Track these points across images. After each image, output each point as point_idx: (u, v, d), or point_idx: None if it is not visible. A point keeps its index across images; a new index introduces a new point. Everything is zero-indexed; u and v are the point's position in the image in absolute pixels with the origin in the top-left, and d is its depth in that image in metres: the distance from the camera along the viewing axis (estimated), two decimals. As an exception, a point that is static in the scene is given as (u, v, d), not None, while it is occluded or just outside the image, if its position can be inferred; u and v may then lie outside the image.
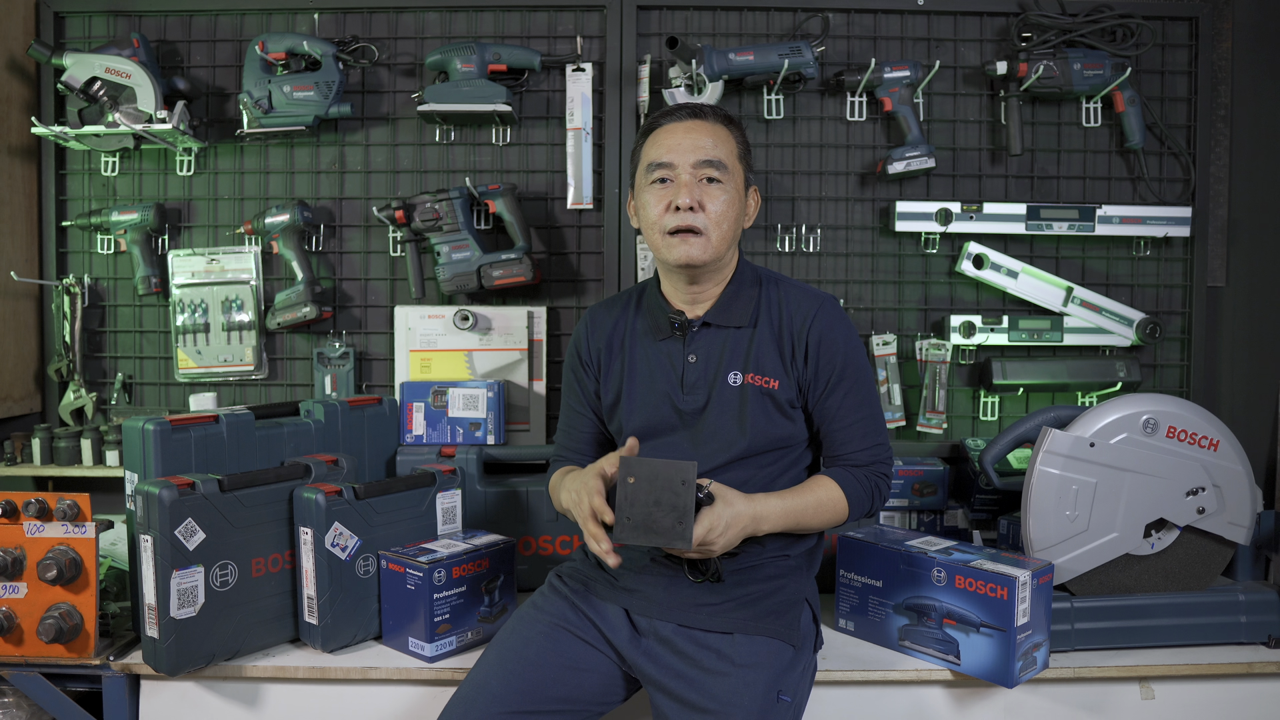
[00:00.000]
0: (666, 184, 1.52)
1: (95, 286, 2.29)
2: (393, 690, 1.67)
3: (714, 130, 1.54)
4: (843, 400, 1.55)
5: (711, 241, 1.51)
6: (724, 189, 1.52)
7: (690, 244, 1.50)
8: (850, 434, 1.56)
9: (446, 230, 2.19)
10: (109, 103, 2.12)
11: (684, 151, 1.51)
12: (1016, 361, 2.22)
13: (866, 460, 1.57)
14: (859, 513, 1.56)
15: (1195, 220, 2.23)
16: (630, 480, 1.34)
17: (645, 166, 1.55)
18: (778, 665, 1.43)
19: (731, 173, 1.53)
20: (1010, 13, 2.23)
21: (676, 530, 1.32)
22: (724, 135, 1.54)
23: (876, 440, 1.58)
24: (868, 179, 2.27)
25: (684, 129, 1.53)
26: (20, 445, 2.18)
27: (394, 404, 2.08)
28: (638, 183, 1.58)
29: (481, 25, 2.27)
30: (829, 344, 1.54)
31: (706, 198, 1.50)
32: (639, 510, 1.33)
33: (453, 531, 1.85)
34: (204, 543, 1.58)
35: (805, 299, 1.57)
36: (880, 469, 1.58)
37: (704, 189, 1.51)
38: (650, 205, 1.53)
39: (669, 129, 1.54)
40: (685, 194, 1.49)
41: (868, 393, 1.58)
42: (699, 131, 1.52)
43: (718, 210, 1.51)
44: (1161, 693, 1.70)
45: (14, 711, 1.73)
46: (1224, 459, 1.72)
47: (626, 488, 1.34)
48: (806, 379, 1.55)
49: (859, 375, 1.57)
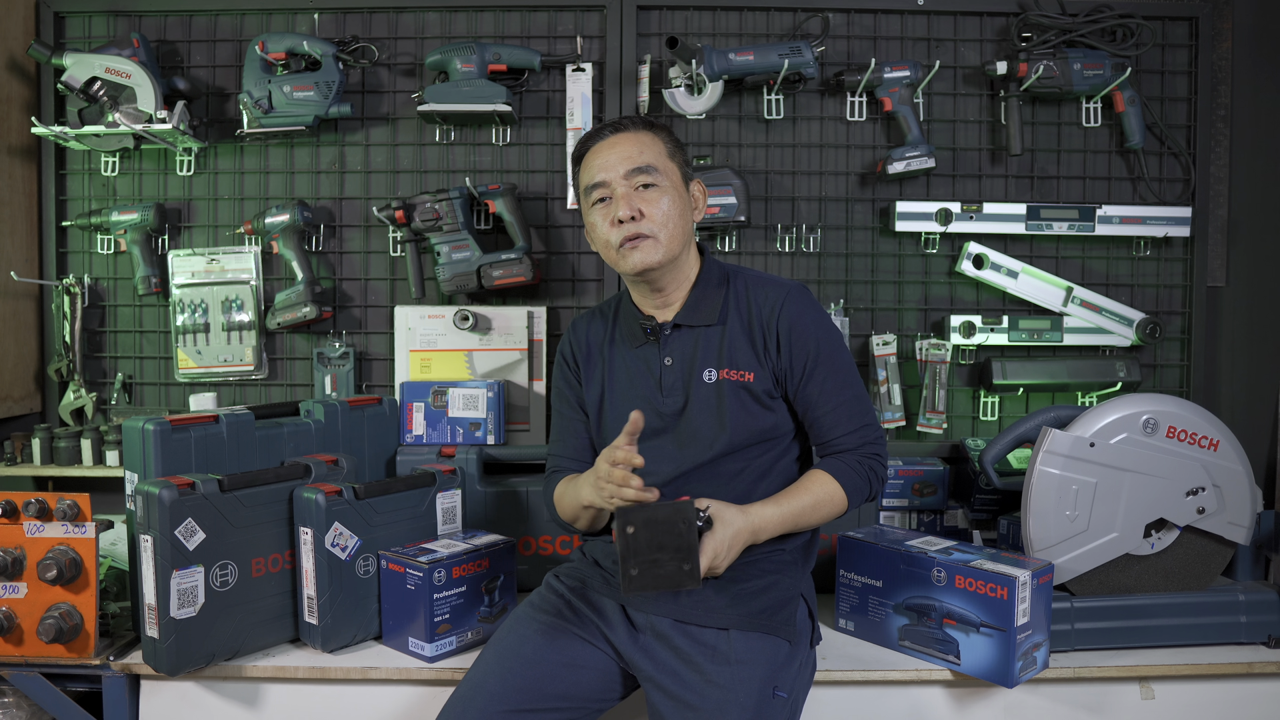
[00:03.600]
0: (606, 202, 1.55)
1: (95, 286, 2.29)
2: (393, 690, 1.67)
3: (638, 138, 1.56)
4: (822, 385, 1.54)
5: (661, 242, 1.53)
6: (661, 191, 1.54)
7: (641, 249, 1.53)
8: (835, 418, 1.54)
9: (446, 230, 2.19)
10: (109, 103, 2.12)
11: (613, 166, 1.54)
12: (1016, 361, 2.22)
13: (855, 444, 1.55)
14: (859, 500, 1.55)
15: (1195, 220, 2.23)
16: (630, 530, 1.31)
17: (584, 191, 1.59)
18: (774, 661, 1.44)
19: (665, 173, 1.55)
20: (1010, 13, 2.23)
21: (684, 573, 1.31)
22: (649, 140, 1.57)
23: (863, 421, 1.56)
24: (868, 179, 2.27)
25: (608, 146, 1.56)
26: (20, 445, 2.18)
27: (394, 404, 2.08)
28: (583, 209, 1.62)
29: (481, 25, 2.27)
30: (800, 330, 1.54)
31: (645, 204, 1.53)
32: (643, 559, 1.30)
33: (453, 531, 1.85)
34: (204, 543, 1.58)
35: (771, 288, 1.58)
36: (871, 450, 1.55)
37: (641, 196, 1.53)
38: (597, 226, 1.57)
39: (595, 150, 1.58)
40: (623, 206, 1.52)
41: (847, 375, 1.56)
42: (624, 144, 1.56)
43: (660, 212, 1.53)
44: (1161, 693, 1.70)
45: (14, 711, 1.73)
46: (1224, 459, 1.72)
47: (626, 538, 1.31)
48: (782, 368, 1.55)
49: (835, 358, 1.55)
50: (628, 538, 1.31)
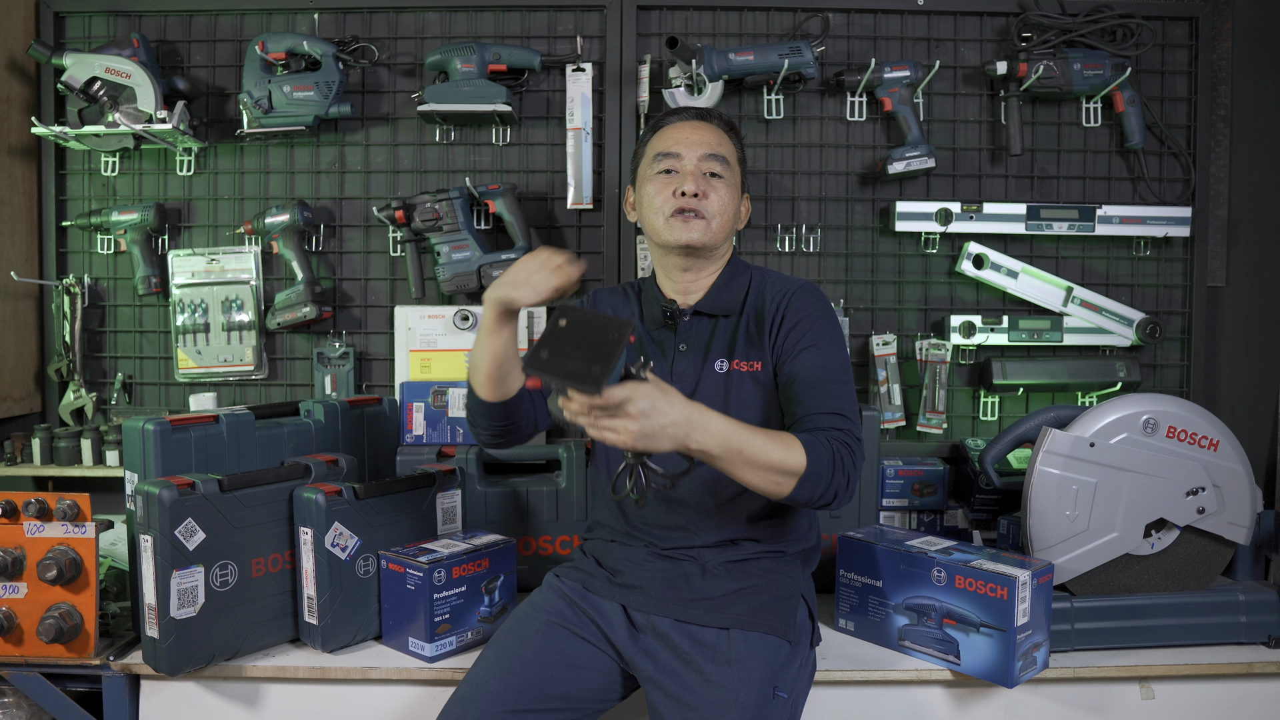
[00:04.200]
0: (672, 174, 1.61)
1: (95, 286, 2.29)
2: (393, 690, 1.67)
3: (719, 133, 1.65)
4: (808, 364, 1.50)
5: (712, 228, 1.59)
6: (726, 184, 1.61)
7: (692, 226, 1.58)
8: (814, 396, 1.47)
9: (446, 230, 2.19)
10: (109, 103, 2.12)
11: (691, 145, 1.60)
12: (1016, 361, 2.22)
13: (828, 425, 1.44)
14: (815, 481, 1.37)
15: (1195, 220, 2.23)
16: (562, 323, 1.22)
17: (652, 157, 1.64)
18: (774, 661, 1.43)
19: (733, 170, 1.63)
20: (1010, 13, 2.23)
21: (590, 374, 1.18)
22: (726, 138, 1.65)
23: (839, 411, 1.46)
24: (868, 179, 2.27)
25: (691, 127, 1.63)
26: (20, 445, 2.18)
27: (394, 404, 2.07)
28: (641, 174, 1.66)
29: (481, 25, 2.27)
30: (801, 314, 1.56)
31: (710, 188, 1.59)
32: (560, 349, 1.20)
33: (453, 531, 1.85)
34: (204, 543, 1.58)
35: (786, 283, 1.62)
36: (842, 438, 1.42)
37: (708, 181, 1.60)
38: (654, 194, 1.61)
39: (677, 125, 1.64)
40: (691, 182, 1.58)
41: (838, 369, 1.51)
42: (706, 131, 1.63)
43: (720, 200, 1.59)
44: (1161, 693, 1.70)
45: (14, 711, 1.73)
46: (1224, 459, 1.72)
47: (555, 327, 1.22)
48: (778, 347, 1.56)
49: (829, 349, 1.53)
50: (557, 327, 1.23)
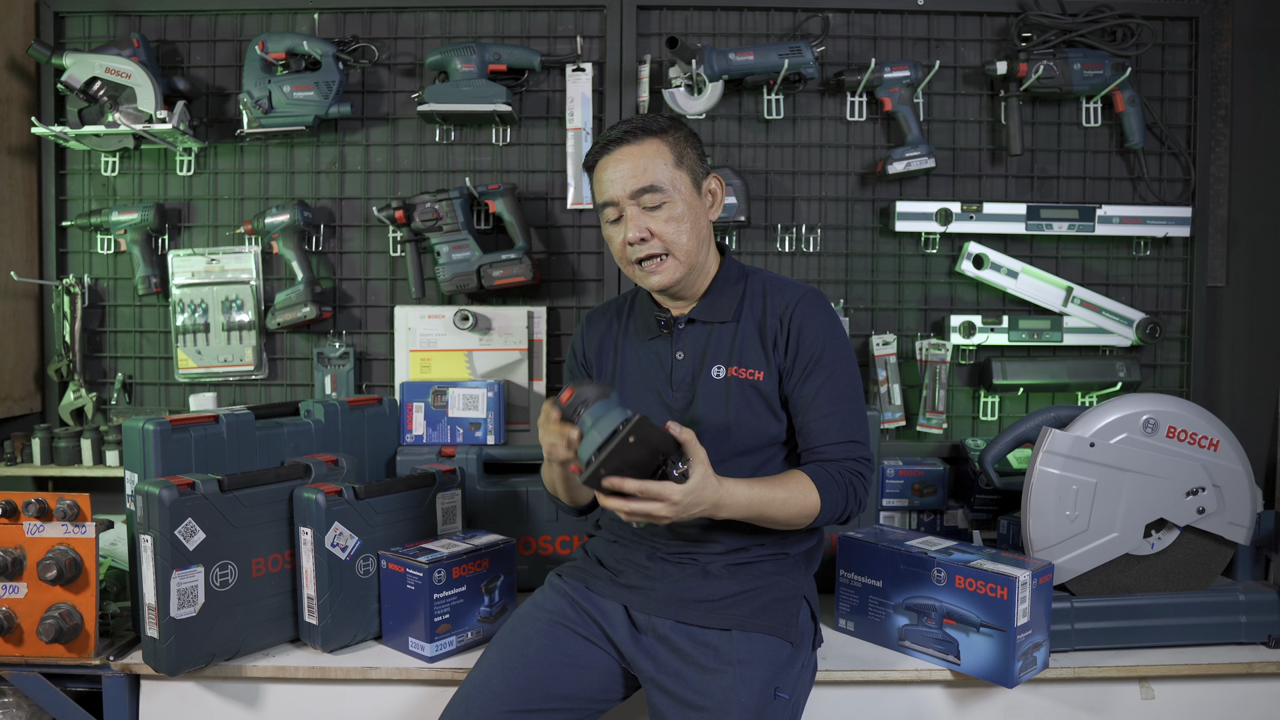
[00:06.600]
0: (619, 221, 1.53)
1: (95, 286, 2.29)
2: (393, 690, 1.67)
3: (641, 151, 1.51)
4: (818, 390, 1.52)
5: (678, 259, 1.52)
6: (668, 208, 1.51)
7: (659, 271, 1.52)
8: (825, 425, 1.51)
9: (446, 230, 2.19)
10: (109, 103, 2.12)
11: (618, 185, 1.51)
12: (1016, 361, 2.22)
13: (840, 455, 1.50)
14: (830, 514, 1.48)
15: (1195, 220, 2.23)
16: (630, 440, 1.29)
17: (598, 206, 1.57)
18: (775, 662, 1.43)
19: (672, 185, 1.51)
20: (1010, 13, 2.23)
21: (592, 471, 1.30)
22: (653, 150, 1.51)
23: (852, 437, 1.51)
24: (868, 179, 2.27)
25: (613, 161, 1.52)
26: (20, 445, 2.18)
27: (394, 404, 2.08)
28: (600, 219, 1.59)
29: (481, 25, 2.27)
30: (809, 331, 1.53)
31: (652, 223, 1.50)
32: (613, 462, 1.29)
33: (453, 531, 1.85)
34: (204, 543, 1.58)
35: (788, 289, 1.58)
36: (854, 467, 1.50)
37: (648, 216, 1.51)
38: (613, 240, 1.56)
39: (602, 164, 1.54)
40: (632, 228, 1.50)
41: (847, 386, 1.53)
42: (626, 159, 1.51)
43: (669, 231, 1.51)
44: (1161, 693, 1.70)
45: (14, 711, 1.73)
46: (1224, 459, 1.72)
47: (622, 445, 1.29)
48: (786, 366, 1.54)
49: (838, 366, 1.53)
50: (625, 443, 1.29)
